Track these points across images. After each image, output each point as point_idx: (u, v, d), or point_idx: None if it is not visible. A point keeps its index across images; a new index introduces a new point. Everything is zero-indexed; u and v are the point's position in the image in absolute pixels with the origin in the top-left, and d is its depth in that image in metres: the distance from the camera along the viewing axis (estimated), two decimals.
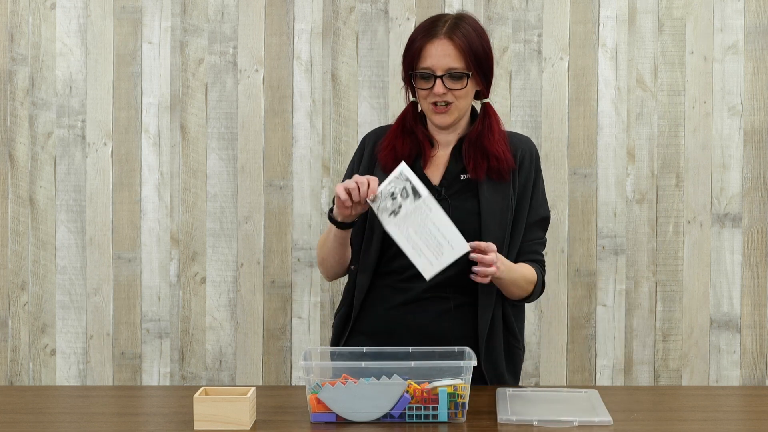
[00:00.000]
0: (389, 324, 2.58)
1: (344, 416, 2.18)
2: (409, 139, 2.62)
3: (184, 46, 3.43)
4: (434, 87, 2.53)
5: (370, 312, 2.61)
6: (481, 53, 2.57)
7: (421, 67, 2.54)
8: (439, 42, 2.53)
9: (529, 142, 2.67)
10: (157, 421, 2.26)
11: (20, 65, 3.43)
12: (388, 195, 2.43)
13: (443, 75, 2.52)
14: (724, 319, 3.41)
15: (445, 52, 2.52)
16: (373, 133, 2.71)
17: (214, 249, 3.43)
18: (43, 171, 3.44)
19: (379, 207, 2.43)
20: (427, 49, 2.53)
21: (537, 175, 2.64)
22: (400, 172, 2.43)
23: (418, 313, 2.56)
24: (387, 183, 2.43)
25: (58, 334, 3.45)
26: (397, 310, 2.58)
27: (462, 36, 2.53)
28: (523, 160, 2.61)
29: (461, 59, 2.53)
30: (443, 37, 2.53)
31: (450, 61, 2.53)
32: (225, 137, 3.43)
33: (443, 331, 2.55)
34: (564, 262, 3.40)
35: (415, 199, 2.41)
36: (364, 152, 2.67)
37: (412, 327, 2.56)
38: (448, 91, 2.53)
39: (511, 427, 2.15)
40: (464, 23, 2.57)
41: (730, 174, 3.39)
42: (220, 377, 3.45)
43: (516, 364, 2.66)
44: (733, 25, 3.38)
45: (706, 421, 2.26)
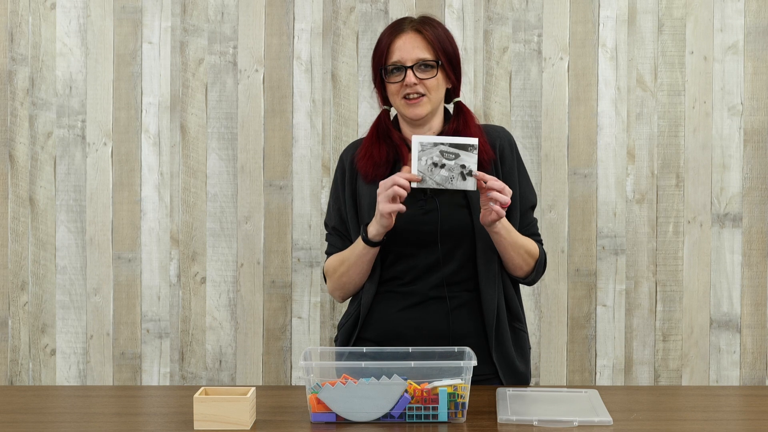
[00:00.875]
0: (397, 328, 2.58)
1: (344, 416, 2.18)
2: (385, 145, 2.62)
3: (184, 46, 3.43)
4: (405, 78, 2.54)
5: (377, 318, 2.62)
6: (450, 49, 2.60)
7: (391, 62, 2.56)
8: (407, 36, 2.57)
9: (504, 131, 2.68)
10: (157, 421, 2.26)
11: (20, 65, 3.43)
12: (432, 166, 2.42)
13: (413, 65, 2.54)
14: (724, 319, 3.41)
15: (413, 44, 2.55)
16: (351, 147, 2.72)
17: (214, 249, 3.43)
18: (43, 171, 3.44)
19: (429, 183, 2.42)
20: (395, 43, 2.57)
21: (519, 162, 2.66)
22: (419, 143, 2.41)
23: (425, 315, 2.57)
24: (418, 161, 2.42)
25: (58, 334, 3.45)
26: (403, 314, 2.58)
27: (430, 30, 2.57)
28: (503, 151, 2.62)
29: (430, 50, 2.56)
30: (411, 30, 2.57)
31: (419, 52, 2.55)
32: (225, 137, 3.43)
33: (451, 330, 2.56)
34: (564, 262, 3.40)
35: (469, 151, 2.40)
36: (345, 168, 2.67)
37: (420, 329, 2.56)
38: (420, 81, 2.54)
39: (511, 427, 2.15)
40: (432, 22, 2.61)
41: (730, 174, 3.39)
42: (220, 377, 3.45)
43: (524, 348, 2.67)
44: (733, 25, 3.38)
45: (706, 421, 2.26)
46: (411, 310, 2.58)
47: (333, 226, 2.68)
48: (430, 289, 2.57)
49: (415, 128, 2.62)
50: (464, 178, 2.41)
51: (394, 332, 2.58)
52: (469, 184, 2.42)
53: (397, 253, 2.58)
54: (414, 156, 2.41)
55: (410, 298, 2.58)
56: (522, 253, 2.57)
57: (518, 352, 2.64)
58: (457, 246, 2.57)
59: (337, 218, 2.68)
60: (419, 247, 2.57)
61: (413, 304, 2.58)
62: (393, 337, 2.57)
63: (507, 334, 2.60)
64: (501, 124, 3.39)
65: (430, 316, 2.57)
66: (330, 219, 2.70)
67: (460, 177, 2.41)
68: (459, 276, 2.57)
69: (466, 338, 2.55)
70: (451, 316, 2.56)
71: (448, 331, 2.55)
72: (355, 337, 2.64)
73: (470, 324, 2.58)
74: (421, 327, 2.56)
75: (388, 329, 2.59)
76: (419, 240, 2.56)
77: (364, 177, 2.61)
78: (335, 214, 2.68)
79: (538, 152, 3.40)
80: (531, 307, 3.40)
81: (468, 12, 3.39)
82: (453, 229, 2.55)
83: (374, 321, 2.62)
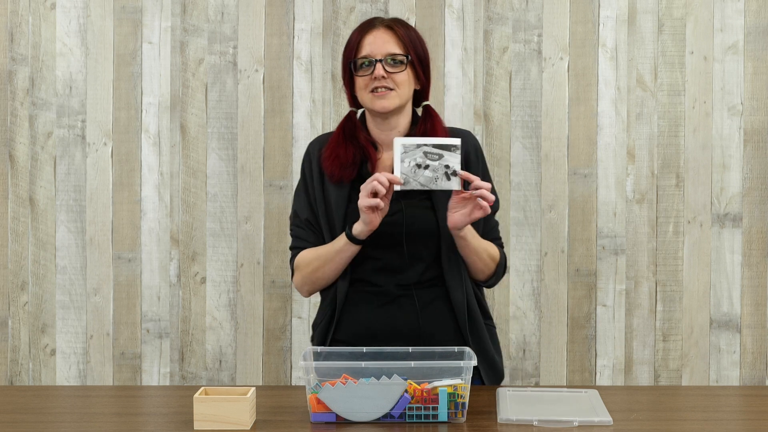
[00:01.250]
0: (372, 327, 2.57)
1: (344, 416, 2.18)
2: (351, 146, 2.61)
3: (184, 46, 3.43)
4: (374, 71, 2.54)
5: (351, 318, 2.61)
6: (420, 49, 2.61)
7: (361, 56, 2.57)
8: (378, 31, 2.58)
9: (470, 135, 2.68)
10: (157, 421, 2.26)
11: (20, 65, 3.43)
12: (415, 168, 2.42)
13: (383, 59, 2.55)
14: (724, 319, 3.41)
15: (384, 39, 2.57)
16: (317, 142, 2.70)
17: (214, 249, 3.43)
18: (43, 171, 3.44)
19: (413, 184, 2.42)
20: (365, 39, 2.58)
21: (484, 167, 2.67)
22: (401, 145, 2.41)
23: (397, 313, 2.57)
24: (401, 163, 2.41)
25: (58, 334, 3.45)
26: (377, 312, 2.58)
27: (401, 28, 2.59)
28: (468, 156, 2.63)
29: (400, 46, 2.57)
30: (381, 27, 2.59)
31: (390, 47, 2.56)
32: (225, 137, 3.43)
33: (422, 329, 2.55)
34: (564, 262, 3.40)
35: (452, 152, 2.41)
36: (313, 163, 2.66)
37: (395, 327, 2.56)
38: (389, 75, 2.54)
39: (511, 427, 2.15)
40: (403, 22, 2.63)
41: (730, 174, 3.39)
42: (220, 377, 3.45)
43: (496, 342, 2.69)
44: (733, 25, 3.38)
45: (706, 421, 2.26)
46: (384, 309, 2.58)
47: (306, 219, 2.64)
48: (398, 289, 2.57)
49: (382, 127, 2.62)
50: (448, 178, 2.42)
51: (369, 331, 2.57)
52: (454, 184, 2.42)
53: (364, 254, 2.58)
54: (396, 158, 2.41)
55: (381, 298, 2.58)
56: (484, 258, 2.58)
57: (495, 349, 2.65)
58: (423, 246, 2.57)
59: (309, 211, 2.65)
60: (385, 249, 2.56)
61: (385, 303, 2.58)
62: (368, 336, 2.56)
63: (484, 331, 2.61)
64: (501, 124, 3.39)
65: (403, 315, 2.56)
66: (301, 211, 2.66)
67: (444, 177, 2.41)
68: (426, 275, 2.58)
69: (438, 336, 2.56)
70: (421, 314, 2.56)
71: (419, 329, 2.55)
72: (330, 337, 2.63)
73: (442, 322, 2.58)
74: (395, 325, 2.56)
75: (363, 328, 2.58)
76: (385, 242, 2.56)
77: (329, 177, 2.60)
78: (307, 207, 2.65)
79: (538, 152, 3.40)
80: (531, 307, 3.40)
81: (468, 12, 3.39)
82: (418, 231, 2.55)
83: (348, 320, 2.61)
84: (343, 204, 2.58)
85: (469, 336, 2.58)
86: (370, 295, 2.59)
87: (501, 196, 3.39)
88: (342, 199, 2.58)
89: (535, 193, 3.40)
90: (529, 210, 3.41)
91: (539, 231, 3.40)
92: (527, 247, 3.41)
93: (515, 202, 3.40)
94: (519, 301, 3.42)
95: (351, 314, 2.61)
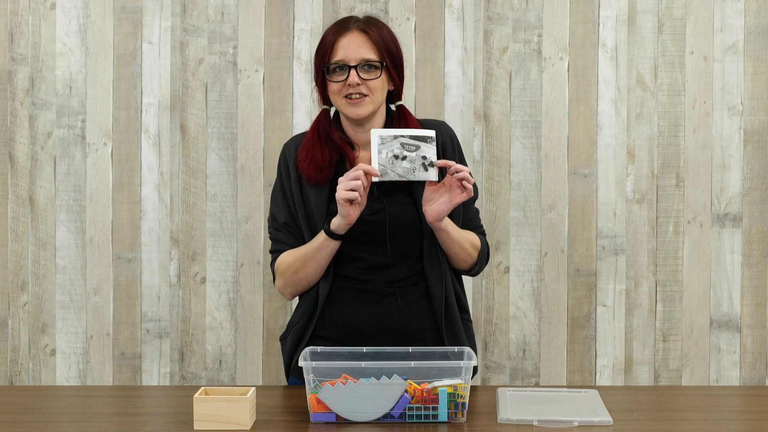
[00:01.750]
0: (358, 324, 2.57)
1: (344, 416, 2.18)
2: (327, 146, 2.61)
3: (184, 46, 3.43)
4: (348, 78, 2.53)
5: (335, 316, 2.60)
6: (394, 50, 2.60)
7: (335, 60, 2.55)
8: (352, 35, 2.56)
9: (446, 126, 2.69)
10: (157, 421, 2.26)
11: (20, 65, 3.43)
12: (393, 159, 2.42)
13: (357, 65, 2.53)
14: (724, 319, 3.41)
15: (358, 44, 2.54)
16: (292, 143, 2.70)
17: (214, 249, 3.43)
18: (43, 171, 3.44)
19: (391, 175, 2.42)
20: (339, 42, 2.55)
21: (460, 155, 2.67)
22: (378, 136, 2.42)
23: (383, 311, 2.57)
24: (378, 154, 2.42)
25: (58, 334, 3.45)
26: (363, 310, 2.58)
27: (375, 30, 2.57)
28: (444, 146, 2.63)
29: (375, 51, 2.55)
30: (356, 30, 2.56)
31: (364, 52, 2.54)
32: (225, 137, 3.43)
33: (405, 326, 2.56)
34: (564, 262, 3.40)
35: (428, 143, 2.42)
36: (289, 164, 2.66)
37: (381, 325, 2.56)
38: (363, 81, 2.53)
39: (511, 427, 2.15)
40: (377, 22, 2.60)
41: (730, 174, 3.39)
42: (220, 377, 3.45)
43: (471, 336, 2.69)
44: (733, 25, 3.38)
45: (706, 421, 2.26)
46: (370, 306, 2.58)
47: (284, 222, 2.64)
48: (384, 286, 2.57)
49: (357, 129, 2.62)
50: (426, 169, 2.42)
51: (356, 329, 2.57)
52: (431, 175, 2.43)
53: (347, 254, 2.58)
54: (374, 149, 2.41)
55: (367, 295, 2.58)
56: (467, 247, 2.59)
57: (470, 343, 2.65)
58: (408, 243, 2.57)
59: (287, 214, 2.64)
60: (369, 246, 2.56)
61: (371, 300, 2.58)
62: (355, 334, 2.56)
63: (459, 327, 2.61)
64: (501, 124, 3.39)
65: (388, 312, 2.57)
66: (280, 214, 2.65)
67: (422, 168, 2.42)
68: (410, 271, 2.58)
69: (422, 333, 2.57)
70: (405, 312, 2.57)
71: (402, 326, 2.55)
72: (310, 334, 2.62)
73: (425, 319, 2.59)
74: (381, 323, 2.56)
75: (349, 326, 2.58)
76: (369, 240, 2.56)
77: (307, 180, 2.60)
78: (285, 210, 2.64)
79: (538, 152, 3.40)
80: (531, 307, 3.40)
81: (468, 12, 3.39)
82: (402, 228, 2.55)
83: (332, 318, 2.61)
84: (324, 205, 2.57)
85: (444, 331, 2.59)
86: (357, 292, 2.59)
87: (501, 196, 3.39)
88: (322, 200, 2.57)
89: (535, 193, 3.40)
90: (529, 210, 3.41)
91: (539, 231, 3.40)
92: (527, 247, 3.41)
93: (515, 202, 3.40)
94: (519, 301, 3.42)
95: (337, 310, 2.60)
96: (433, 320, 2.60)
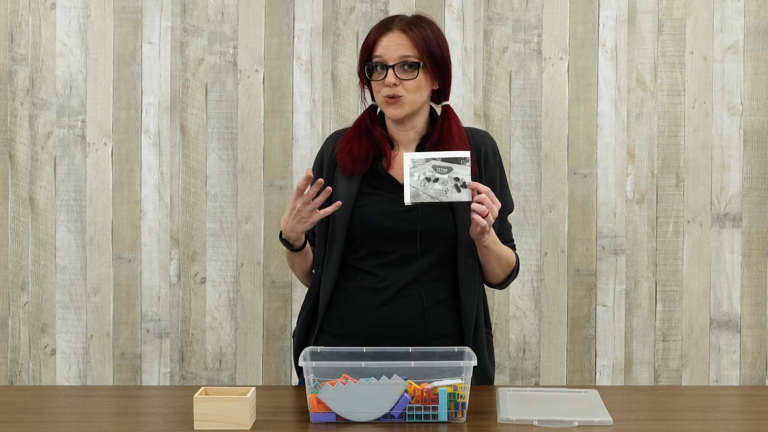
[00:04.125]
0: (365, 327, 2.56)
1: (344, 416, 2.18)
2: (366, 141, 2.61)
3: (184, 46, 3.43)
4: (386, 77, 2.53)
5: (344, 314, 2.60)
6: (437, 50, 2.57)
7: (375, 57, 2.55)
8: (393, 34, 2.55)
9: (489, 137, 2.67)
10: (157, 421, 2.26)
11: (20, 65, 3.44)
12: (425, 182, 2.42)
13: (395, 65, 2.53)
14: (724, 319, 3.41)
15: (398, 43, 2.54)
16: (332, 138, 2.70)
17: (214, 249, 3.43)
18: (43, 171, 3.44)
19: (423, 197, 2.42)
20: (381, 40, 2.55)
21: (501, 169, 2.66)
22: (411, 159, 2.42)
23: (396, 312, 2.55)
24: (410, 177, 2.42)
25: (58, 334, 3.45)
26: (373, 312, 2.56)
27: (417, 31, 2.55)
28: (487, 158, 2.62)
29: (414, 49, 2.54)
30: (397, 29, 2.55)
31: (403, 51, 2.53)
32: (225, 137, 3.43)
33: (427, 329, 2.54)
34: (564, 262, 3.40)
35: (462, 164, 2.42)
36: (324, 158, 2.67)
37: (392, 327, 2.54)
38: (400, 81, 2.53)
39: (511, 427, 2.15)
40: (422, 22, 2.59)
41: (730, 174, 3.39)
42: (220, 377, 3.45)
43: (492, 352, 2.68)
44: (733, 25, 3.38)
45: (706, 421, 2.26)
46: (382, 308, 2.56)
47: None
48: (403, 287, 2.55)
49: (398, 127, 2.62)
50: (458, 190, 2.42)
51: (362, 329, 2.55)
52: (464, 196, 2.42)
53: (372, 246, 2.57)
54: (406, 173, 2.42)
55: (382, 294, 2.56)
56: (503, 263, 2.58)
57: (490, 357, 2.65)
58: (436, 246, 2.55)
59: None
60: (396, 243, 2.56)
61: (385, 300, 2.56)
62: (361, 334, 2.55)
63: (483, 341, 2.60)
64: (501, 124, 3.39)
65: (403, 314, 2.55)
66: None
67: (454, 189, 2.42)
68: (435, 275, 2.56)
69: (440, 339, 2.54)
70: (423, 316, 2.55)
71: (424, 329, 2.54)
72: (317, 330, 2.62)
73: (446, 325, 2.56)
74: (393, 325, 2.54)
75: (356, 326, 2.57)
76: (397, 236, 2.55)
77: (342, 170, 2.61)
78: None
79: (538, 152, 3.40)
80: (531, 307, 3.40)
81: (468, 12, 3.40)
82: (433, 230, 2.54)
83: (339, 316, 2.60)
84: (353, 197, 2.57)
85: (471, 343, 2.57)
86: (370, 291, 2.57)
87: None
88: (352, 192, 2.57)
89: (535, 193, 3.40)
90: (529, 210, 3.41)
91: (539, 231, 3.40)
92: (527, 247, 3.41)
93: (515, 202, 3.39)
94: (519, 301, 3.42)
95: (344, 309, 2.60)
96: (455, 328, 2.58)
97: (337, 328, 2.59)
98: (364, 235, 2.56)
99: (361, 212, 2.54)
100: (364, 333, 2.54)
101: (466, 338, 2.56)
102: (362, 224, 2.55)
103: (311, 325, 2.64)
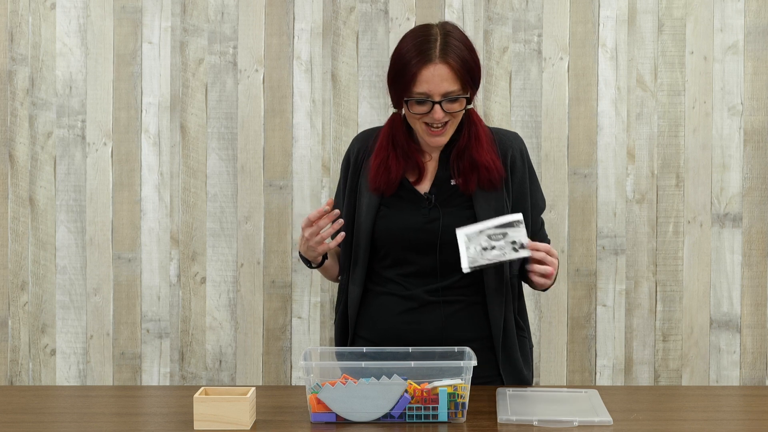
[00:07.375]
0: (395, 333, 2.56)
1: (344, 416, 2.18)
2: (402, 159, 2.57)
3: (184, 46, 3.43)
4: (433, 112, 2.46)
5: (374, 320, 2.60)
6: (474, 69, 2.52)
7: (417, 92, 2.47)
8: (434, 67, 2.46)
9: (517, 138, 2.65)
10: (157, 421, 2.26)
11: (20, 65, 3.43)
12: (482, 251, 2.42)
13: (441, 100, 2.47)
14: (724, 319, 3.41)
15: (442, 77, 2.46)
16: (358, 140, 2.68)
17: (214, 249, 3.43)
18: (43, 171, 3.44)
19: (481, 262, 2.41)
20: (422, 74, 2.46)
21: (530, 170, 2.64)
22: (464, 235, 2.42)
23: (423, 319, 2.56)
24: (466, 250, 2.42)
25: (58, 334, 3.45)
26: (401, 317, 2.57)
27: (456, 57, 2.47)
28: (514, 162, 2.60)
29: (458, 81, 2.47)
30: (438, 61, 2.46)
31: (448, 86, 2.46)
32: (225, 137, 3.43)
33: (446, 336, 2.54)
34: (564, 262, 3.40)
35: (516, 227, 2.42)
36: (350, 159, 2.65)
37: (420, 332, 2.55)
38: (447, 114, 2.49)
39: (511, 427, 2.15)
40: (453, 39, 2.49)
41: (730, 174, 3.39)
42: (220, 377, 3.45)
43: (528, 356, 2.66)
44: (733, 25, 3.38)
45: (706, 421, 2.26)
46: (409, 314, 2.57)
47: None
48: (427, 295, 2.56)
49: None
50: (516, 250, 2.43)
51: (394, 335, 2.56)
52: (523, 253, 2.43)
53: (395, 257, 2.57)
54: (462, 249, 2.41)
55: (408, 302, 2.57)
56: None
57: (525, 361, 2.63)
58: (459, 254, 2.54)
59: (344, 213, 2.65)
60: (418, 253, 2.55)
61: (411, 308, 2.57)
62: (393, 339, 2.56)
63: (515, 345, 2.60)
64: (501, 124, 3.39)
65: (429, 321, 2.55)
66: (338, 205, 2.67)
67: (512, 251, 2.43)
68: (459, 283, 2.55)
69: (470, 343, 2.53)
70: (447, 322, 2.55)
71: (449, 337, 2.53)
72: (351, 335, 2.63)
73: (471, 331, 2.56)
74: (421, 330, 2.55)
75: (387, 332, 2.58)
76: (418, 246, 2.55)
77: (374, 189, 2.58)
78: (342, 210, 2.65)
79: (538, 152, 3.40)
80: (531, 307, 3.40)
81: (468, 12, 3.39)
82: (455, 239, 2.52)
83: (370, 323, 2.61)
84: (374, 210, 2.57)
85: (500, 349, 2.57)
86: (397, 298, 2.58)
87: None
88: (373, 203, 2.57)
89: None
90: None
91: None
92: None
93: None
94: None
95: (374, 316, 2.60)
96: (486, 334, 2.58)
97: (370, 332, 2.60)
98: (387, 246, 2.56)
99: (384, 223, 2.54)
100: (395, 338, 2.54)
101: (496, 342, 2.56)
102: (385, 235, 2.55)
103: (345, 331, 2.66)
